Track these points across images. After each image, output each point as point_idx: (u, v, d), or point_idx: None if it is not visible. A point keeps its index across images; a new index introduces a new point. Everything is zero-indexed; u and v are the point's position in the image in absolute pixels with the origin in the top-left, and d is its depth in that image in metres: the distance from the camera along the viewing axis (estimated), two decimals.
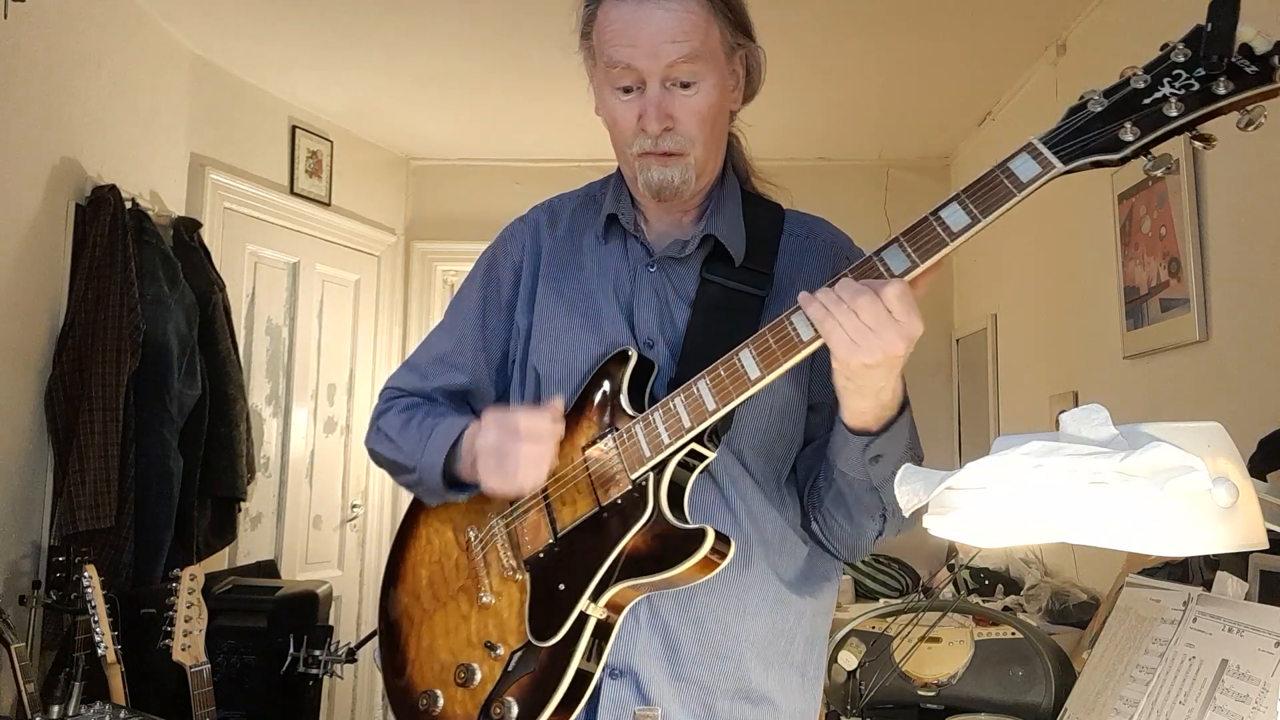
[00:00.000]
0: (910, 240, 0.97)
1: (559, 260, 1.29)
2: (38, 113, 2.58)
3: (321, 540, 4.06)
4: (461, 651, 1.18)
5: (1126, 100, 0.90)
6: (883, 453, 1.08)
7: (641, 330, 1.21)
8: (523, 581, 1.15)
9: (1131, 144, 0.89)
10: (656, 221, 1.27)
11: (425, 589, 1.26)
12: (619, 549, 1.09)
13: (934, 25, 3.08)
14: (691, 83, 1.14)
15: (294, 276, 3.98)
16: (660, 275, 1.23)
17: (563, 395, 1.20)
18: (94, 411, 2.59)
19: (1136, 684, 1.11)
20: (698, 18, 1.13)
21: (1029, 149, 0.93)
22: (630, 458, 1.10)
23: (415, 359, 1.37)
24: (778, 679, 1.20)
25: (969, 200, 0.94)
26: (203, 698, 2.10)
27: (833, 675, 1.64)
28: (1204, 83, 0.87)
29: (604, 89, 1.19)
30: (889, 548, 3.96)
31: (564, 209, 1.34)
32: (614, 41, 1.14)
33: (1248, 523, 0.88)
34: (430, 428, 1.23)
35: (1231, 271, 2.11)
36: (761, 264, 1.22)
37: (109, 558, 2.59)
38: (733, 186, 1.27)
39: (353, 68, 3.56)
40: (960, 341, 4.28)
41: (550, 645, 1.09)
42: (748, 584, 1.17)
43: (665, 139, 1.15)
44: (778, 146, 4.17)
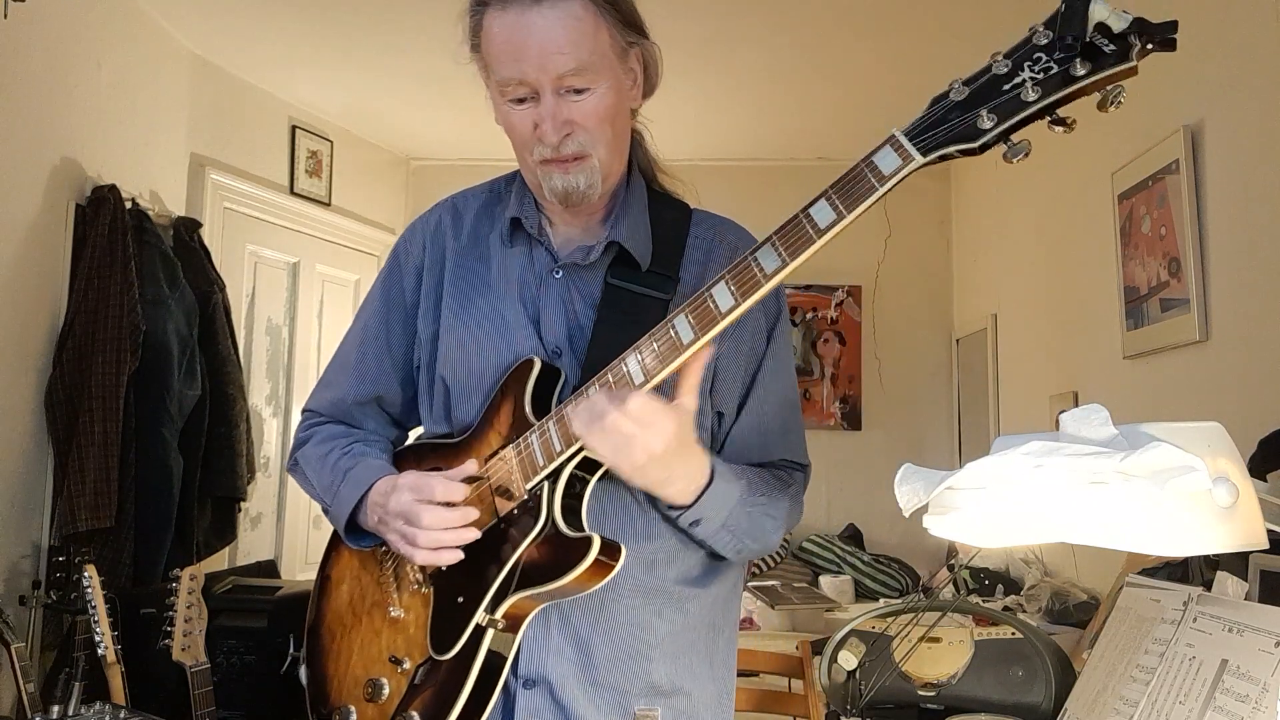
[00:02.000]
0: (782, 239, 0.97)
1: (463, 264, 1.26)
2: (38, 113, 2.58)
3: (321, 540, 4.03)
4: (373, 666, 1.19)
5: (987, 87, 0.89)
6: (700, 517, 1.12)
7: (549, 338, 1.20)
8: (427, 595, 1.16)
9: (989, 130, 0.88)
10: (561, 225, 1.25)
11: (345, 606, 1.27)
12: (514, 560, 1.08)
13: (934, 25, 3.08)
14: (585, 88, 1.12)
15: (294, 276, 3.98)
16: (566, 281, 1.21)
17: (472, 405, 1.20)
18: (94, 411, 2.59)
19: (1136, 684, 1.11)
20: (584, 23, 1.11)
21: (891, 141, 0.93)
22: (526, 468, 1.10)
23: (327, 373, 1.36)
24: (686, 667, 1.20)
25: (835, 196, 0.94)
26: (203, 698, 2.09)
27: (833, 675, 1.64)
28: (1061, 65, 0.85)
29: (497, 98, 1.17)
30: (889, 548, 3.97)
31: (468, 208, 1.31)
32: (501, 57, 1.12)
33: (1248, 523, 0.88)
34: (343, 472, 1.22)
35: (1231, 271, 2.11)
36: (667, 267, 1.20)
37: (109, 558, 2.59)
38: (638, 187, 1.25)
39: (353, 68, 3.56)
40: (960, 341, 4.28)
41: (449, 658, 1.09)
42: (656, 585, 1.18)
43: (566, 144, 1.13)
44: (778, 146, 4.17)
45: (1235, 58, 2.05)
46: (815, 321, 4.41)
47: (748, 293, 0.98)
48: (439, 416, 1.25)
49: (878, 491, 4.17)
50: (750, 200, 4.42)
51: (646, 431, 1.00)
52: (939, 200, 4.42)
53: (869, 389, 4.37)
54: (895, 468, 1.00)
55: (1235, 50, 2.05)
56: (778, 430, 1.25)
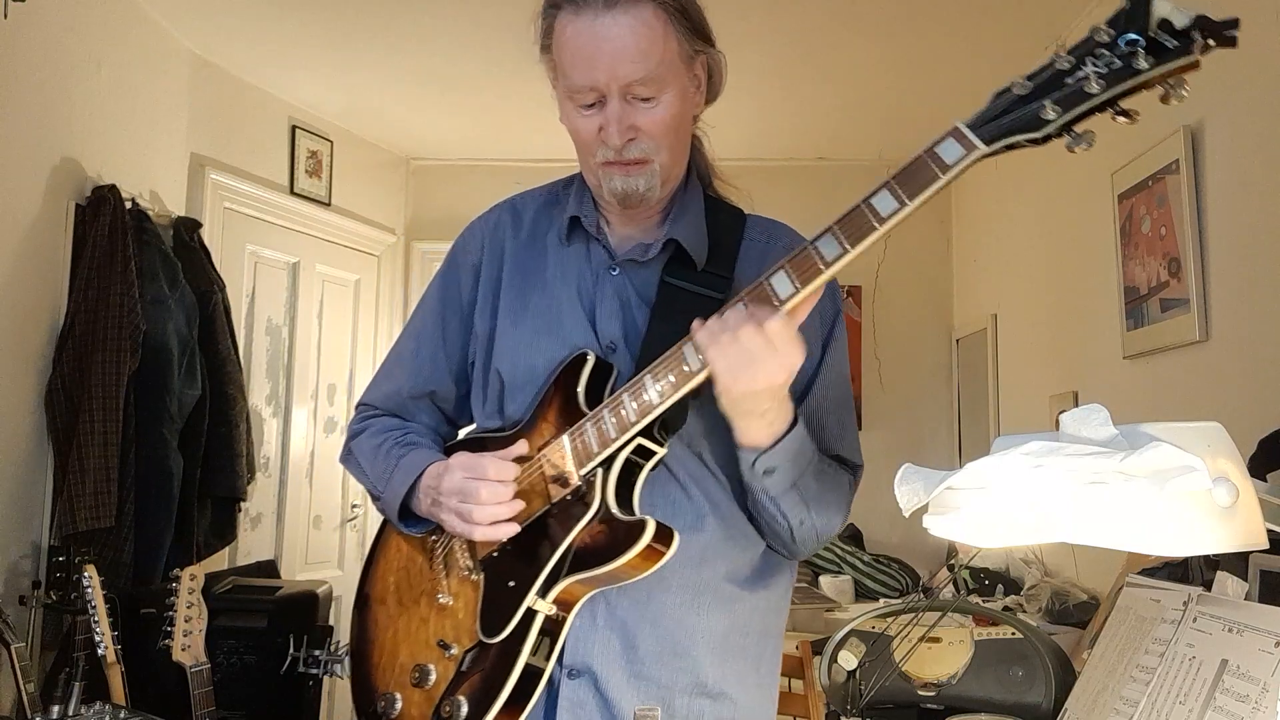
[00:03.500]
0: (843, 228, 0.98)
1: (522, 262, 1.29)
2: (38, 113, 2.58)
3: (321, 540, 4.06)
4: (419, 652, 1.19)
5: (1050, 80, 0.91)
6: (775, 465, 1.12)
7: (604, 333, 1.21)
8: (478, 581, 1.16)
9: (1052, 122, 0.90)
10: (619, 225, 1.27)
11: (393, 595, 1.28)
12: (566, 544, 1.09)
13: (935, 24, 3.08)
14: (651, 97, 1.14)
15: (294, 276, 3.98)
16: (623, 278, 1.23)
17: (525, 399, 1.21)
18: (94, 411, 2.59)
19: (1136, 684, 1.11)
20: (654, 31, 1.12)
21: (954, 133, 0.94)
22: (581, 455, 1.11)
23: (383, 367, 1.39)
24: (734, 673, 1.20)
25: (897, 185, 0.96)
26: (203, 698, 2.09)
27: (833, 675, 1.64)
28: (1125, 59, 0.87)
29: (565, 102, 1.19)
30: (889, 548, 3.96)
31: (527, 208, 1.34)
32: (572, 63, 1.13)
33: (1248, 523, 0.88)
34: (396, 459, 1.24)
35: (1231, 271, 2.11)
36: (722, 268, 1.22)
37: (109, 558, 2.59)
38: (695, 190, 1.28)
39: (353, 68, 3.56)
40: (960, 341, 4.28)
41: (498, 641, 1.10)
42: (704, 581, 1.18)
43: (629, 149, 1.15)
44: (778, 146, 4.17)
45: (1235, 58, 2.05)
46: None
47: (807, 280, 1.00)
48: (491, 410, 1.27)
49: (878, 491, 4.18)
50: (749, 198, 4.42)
51: (776, 355, 1.00)
52: (939, 200, 4.39)
53: (869, 389, 4.37)
54: (895, 468, 1.00)
55: (1235, 50, 2.05)
56: (834, 428, 1.26)
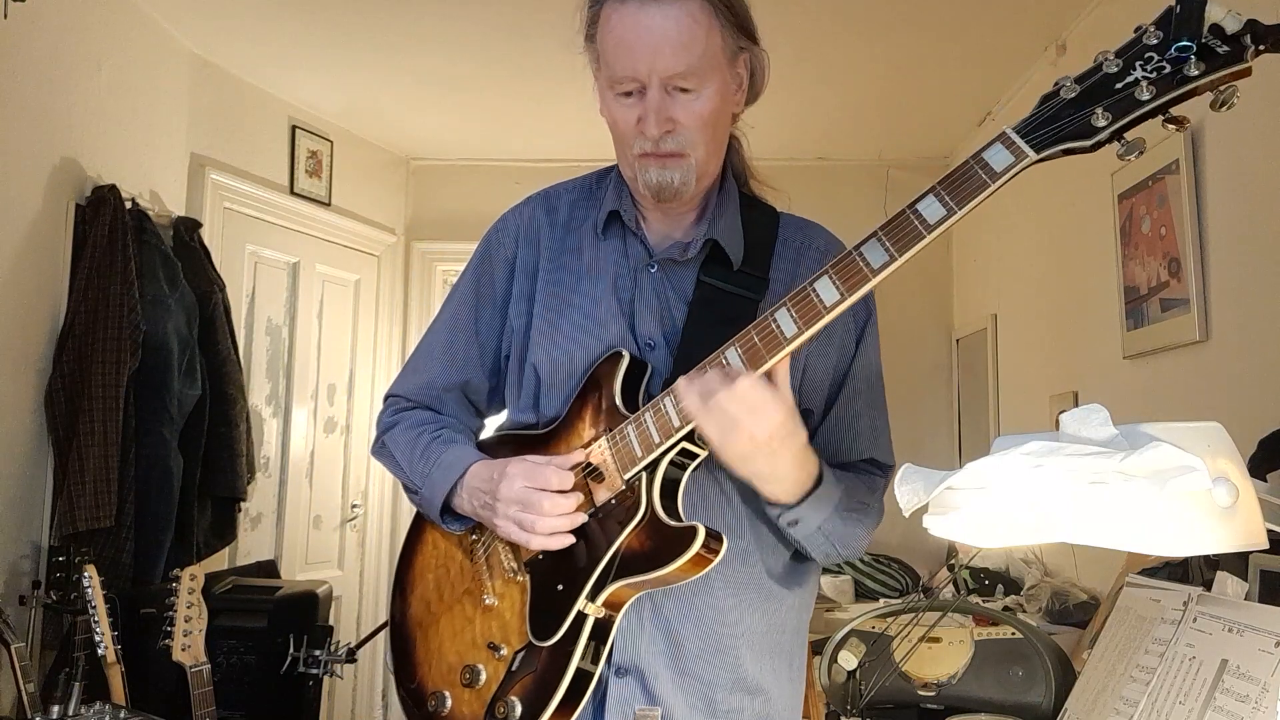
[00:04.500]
0: (889, 234, 0.97)
1: (558, 256, 1.28)
2: (38, 113, 2.58)
3: (321, 540, 4.06)
4: (467, 653, 1.20)
5: (1099, 85, 0.90)
6: (799, 519, 1.14)
7: (641, 332, 1.22)
8: (523, 583, 1.17)
9: (1104, 129, 0.88)
10: (656, 221, 1.27)
11: (432, 592, 1.28)
12: (614, 548, 1.10)
13: (934, 25, 3.08)
14: (692, 89, 1.14)
15: (294, 276, 3.98)
16: (660, 276, 1.23)
17: (561, 396, 1.22)
18: (94, 411, 2.59)
19: (1136, 684, 1.11)
20: (699, 24, 1.13)
21: (1002, 138, 0.93)
22: (623, 458, 1.12)
23: (414, 359, 1.38)
24: (770, 668, 1.22)
25: (944, 192, 0.95)
26: (203, 698, 2.09)
27: (833, 675, 1.64)
28: (1175, 65, 0.86)
29: (606, 91, 1.18)
30: (889, 548, 3.96)
31: (561, 201, 1.33)
32: (615, 52, 1.13)
33: (1248, 523, 0.88)
34: (435, 456, 1.24)
35: (1231, 271, 2.11)
36: (758, 268, 1.22)
37: (109, 558, 2.59)
38: (732, 189, 1.27)
39: (353, 68, 3.56)
40: (960, 341, 4.28)
41: (550, 645, 1.11)
42: (745, 579, 1.20)
43: (666, 140, 1.15)
44: (778, 146, 4.17)
45: None
46: None
47: (854, 287, 0.99)
48: (526, 406, 1.26)
49: None
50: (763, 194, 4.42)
51: (752, 416, 1.00)
52: None
53: None
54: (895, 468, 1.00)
55: None
56: (866, 430, 1.27)
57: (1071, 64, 3.39)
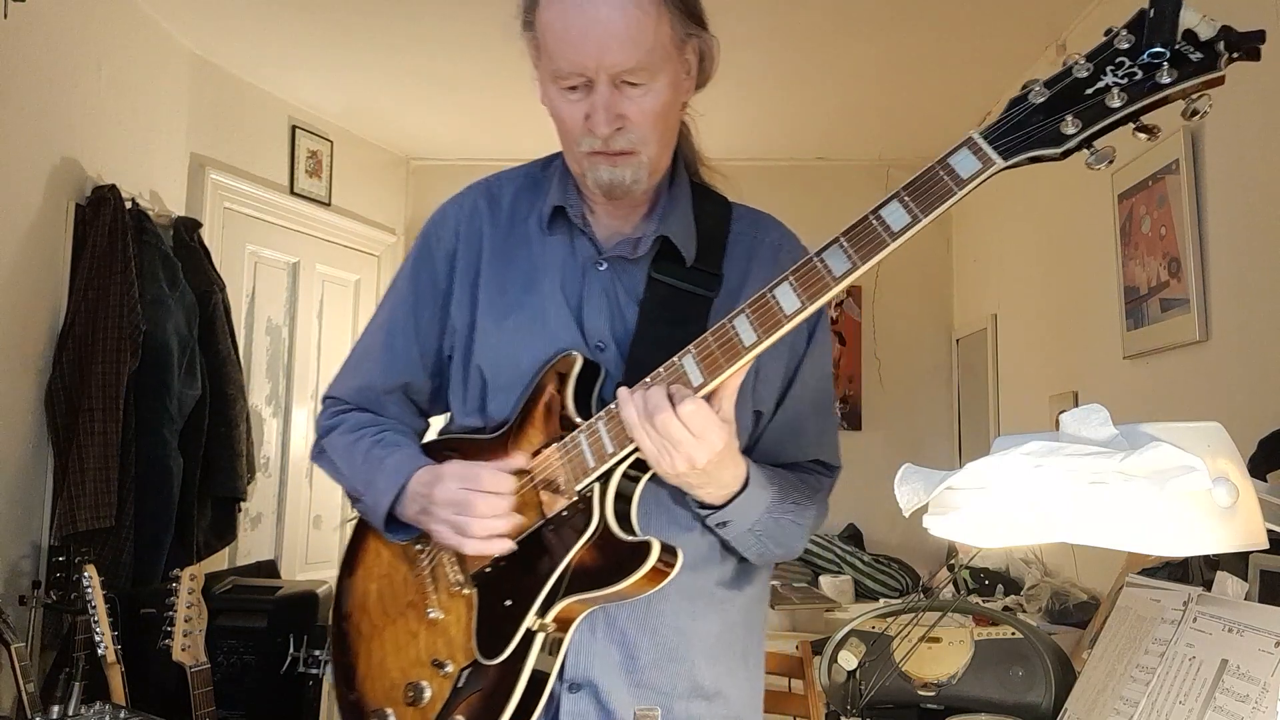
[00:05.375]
0: (851, 241, 0.94)
1: (501, 252, 1.22)
2: (38, 113, 2.58)
3: (321, 540, 4.06)
4: (411, 669, 1.15)
5: (1068, 90, 0.86)
6: (729, 520, 1.12)
7: (591, 333, 1.16)
8: (470, 597, 1.12)
9: (1073, 137, 0.85)
10: (604, 216, 1.21)
11: (375, 603, 1.23)
12: (565, 563, 1.06)
13: (934, 25, 3.08)
14: (642, 84, 1.08)
15: (294, 276, 3.98)
16: (610, 274, 1.18)
17: (509, 399, 1.16)
18: (94, 411, 2.59)
19: (1136, 684, 1.11)
20: (647, 14, 1.06)
21: (969, 144, 0.89)
22: (575, 468, 1.07)
23: (351, 359, 1.32)
24: (726, 670, 1.19)
25: (909, 198, 0.92)
26: (203, 698, 2.09)
27: (833, 675, 1.64)
28: (1147, 71, 0.82)
29: (549, 85, 1.12)
30: (889, 548, 3.96)
31: (504, 192, 1.26)
32: (558, 44, 1.07)
33: (1248, 523, 0.88)
34: (378, 461, 1.19)
35: (1231, 271, 2.11)
36: (711, 264, 1.18)
37: (109, 558, 2.59)
38: (683, 181, 1.22)
39: (353, 68, 3.56)
40: (960, 341, 4.28)
41: (498, 663, 1.07)
42: (699, 587, 1.16)
43: (616, 139, 1.09)
44: (778, 146, 4.17)
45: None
46: None
47: (815, 295, 0.95)
48: (473, 408, 1.21)
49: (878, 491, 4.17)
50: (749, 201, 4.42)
51: (695, 440, 0.98)
52: None
53: (869, 389, 4.37)
54: (895, 468, 0.99)
55: None
56: (813, 430, 1.24)
57: None
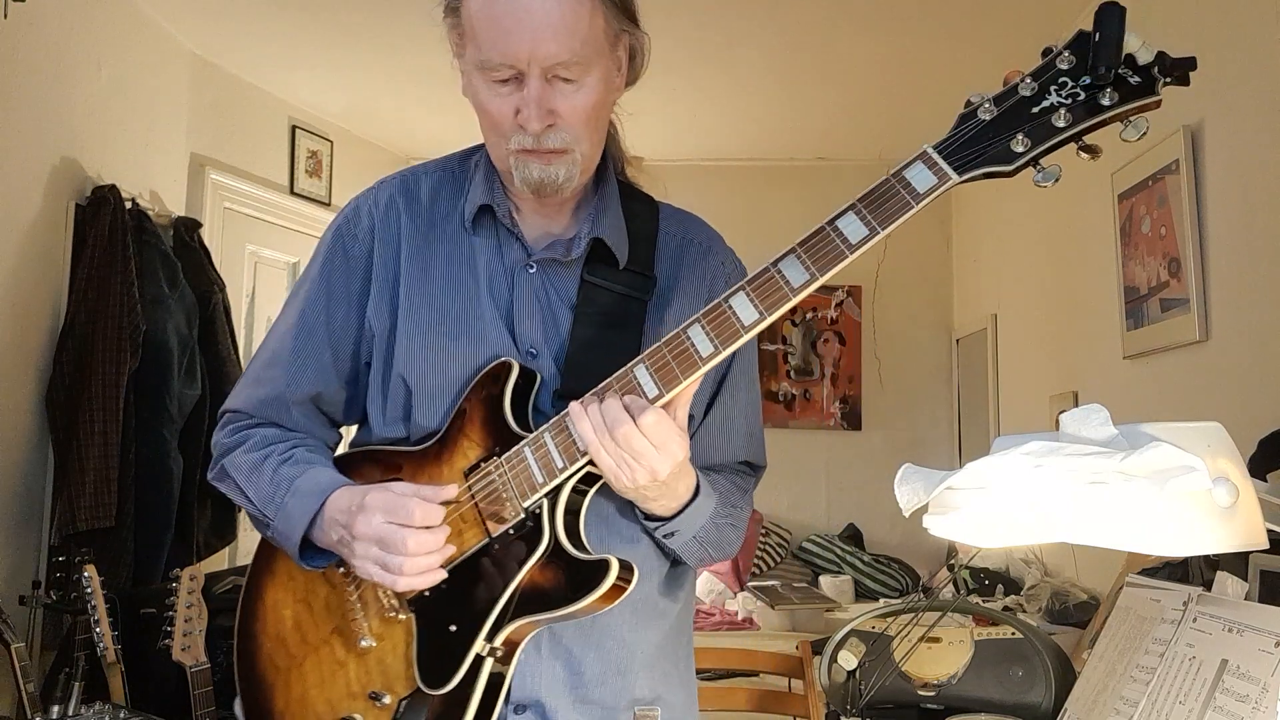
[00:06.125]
0: (809, 252, 0.93)
1: (421, 252, 1.15)
2: (38, 113, 2.58)
3: None
4: (340, 703, 1.08)
5: (1016, 108, 0.89)
6: (676, 530, 1.10)
7: (523, 338, 1.11)
8: (407, 623, 1.06)
9: (1023, 155, 0.88)
10: (531, 214, 1.16)
11: (291, 631, 1.14)
12: (515, 583, 1.01)
13: (934, 25, 3.08)
14: (575, 79, 1.04)
15: (294, 276, 3.98)
16: (540, 277, 1.13)
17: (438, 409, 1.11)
18: (94, 411, 2.59)
19: (1136, 684, 1.11)
20: (582, 6, 1.02)
21: (924, 158, 0.91)
22: (521, 483, 1.02)
23: (254, 369, 1.20)
24: (661, 677, 1.18)
25: (866, 211, 0.92)
26: (203, 698, 2.09)
27: (833, 675, 1.64)
28: (1089, 92, 0.86)
29: (475, 76, 1.07)
30: (889, 548, 3.97)
31: (420, 186, 1.21)
32: (490, 31, 1.02)
33: (1248, 523, 0.88)
34: (287, 483, 1.09)
35: (1231, 271, 2.11)
36: (643, 265, 1.15)
37: (109, 558, 2.59)
38: (610, 180, 1.19)
39: (353, 68, 3.56)
40: (960, 341, 4.28)
41: (444, 693, 1.01)
42: (639, 598, 1.11)
43: (548, 136, 1.05)
44: (778, 146, 4.17)
45: (1235, 58, 2.05)
46: (815, 321, 4.41)
47: (773, 307, 0.94)
48: (395, 418, 1.14)
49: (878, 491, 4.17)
50: (749, 200, 4.43)
51: (657, 452, 0.96)
52: (939, 200, 4.41)
53: (869, 389, 4.37)
54: (895, 468, 0.99)
55: (1235, 50, 2.05)
56: (743, 432, 1.22)
57: None
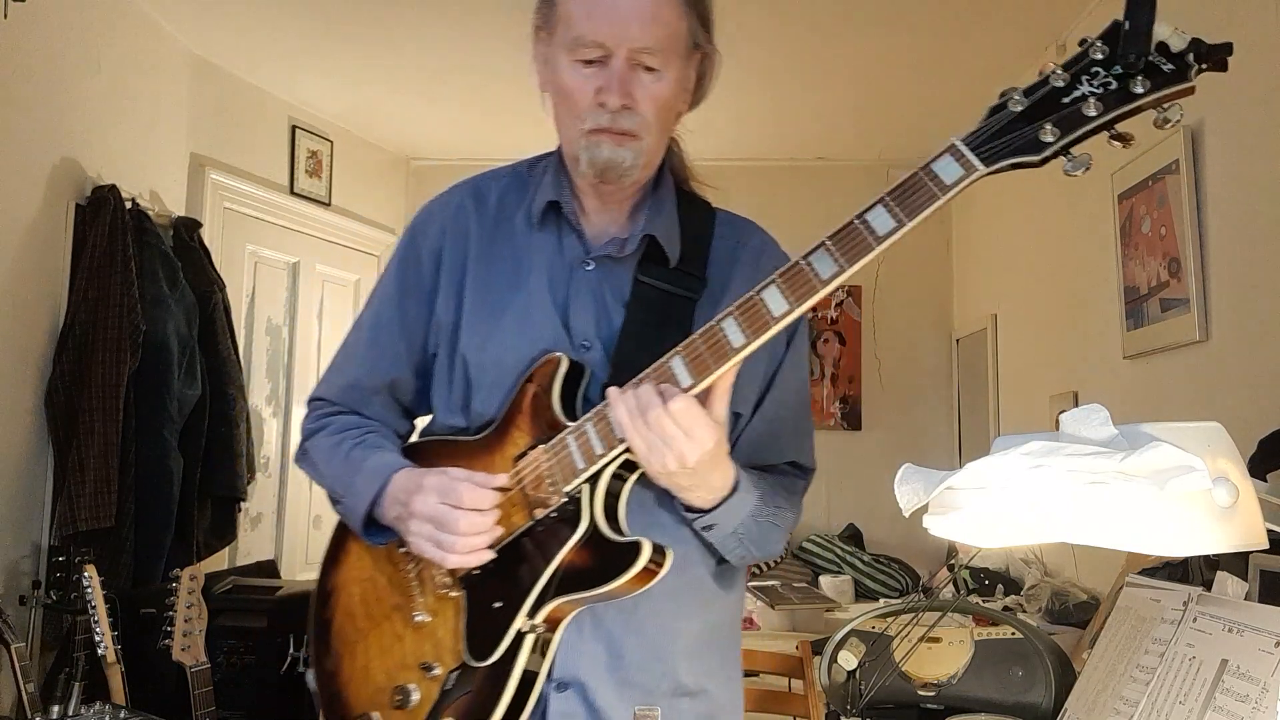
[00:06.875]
0: (838, 244, 0.96)
1: (488, 249, 1.22)
2: (38, 113, 2.58)
3: (321, 540, 4.01)
4: (397, 673, 1.15)
5: (1046, 99, 0.89)
6: (714, 523, 1.13)
7: (577, 332, 1.17)
8: (458, 600, 1.12)
9: (1052, 145, 0.88)
10: (594, 213, 1.22)
11: (358, 606, 1.23)
12: (555, 564, 1.06)
13: (934, 25, 3.08)
14: (656, 69, 1.10)
15: (294, 276, 3.98)
16: (597, 274, 1.19)
17: (493, 398, 1.17)
18: (94, 411, 2.59)
19: (1136, 684, 1.11)
20: (674, 4, 1.11)
21: (951, 150, 0.92)
22: (563, 469, 1.07)
23: (337, 359, 1.31)
24: (706, 669, 1.20)
25: (894, 204, 0.93)
26: (203, 698, 2.09)
27: (833, 675, 1.64)
28: (1121, 81, 0.86)
29: (561, 57, 1.13)
30: (889, 548, 3.97)
31: (490, 190, 1.27)
32: (587, 11, 1.09)
33: (1248, 523, 0.88)
34: (357, 463, 1.19)
35: (1231, 271, 2.11)
36: (694, 267, 1.19)
37: (109, 558, 2.59)
38: (668, 184, 1.24)
39: (353, 68, 3.56)
40: (960, 341, 4.28)
41: (488, 665, 1.07)
42: (684, 586, 1.16)
43: (623, 117, 1.10)
44: (778, 146, 4.17)
45: (1235, 58, 2.05)
46: (815, 321, 4.41)
47: (803, 298, 0.97)
48: (456, 406, 1.21)
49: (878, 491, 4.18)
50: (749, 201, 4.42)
51: (686, 438, 0.99)
52: None
53: (869, 389, 4.37)
54: (895, 468, 1.00)
55: (1235, 50, 2.05)
56: (790, 433, 1.25)
57: None
